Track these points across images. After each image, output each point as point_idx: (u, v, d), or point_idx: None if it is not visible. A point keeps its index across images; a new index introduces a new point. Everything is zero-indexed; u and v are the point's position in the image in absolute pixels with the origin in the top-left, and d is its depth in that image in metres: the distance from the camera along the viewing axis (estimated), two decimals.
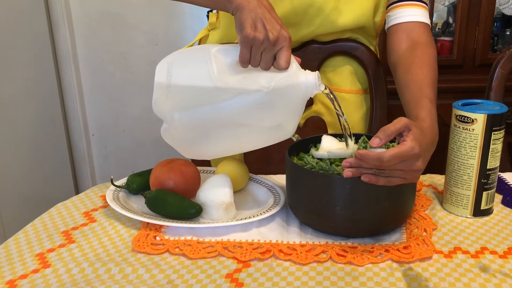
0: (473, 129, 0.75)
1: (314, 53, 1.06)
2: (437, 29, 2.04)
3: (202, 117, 0.74)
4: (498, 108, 0.75)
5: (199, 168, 0.93)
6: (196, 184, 0.86)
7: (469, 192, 0.78)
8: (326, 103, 1.12)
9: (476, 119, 0.74)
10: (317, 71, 0.73)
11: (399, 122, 0.68)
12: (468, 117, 0.74)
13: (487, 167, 0.76)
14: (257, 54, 0.72)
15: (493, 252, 0.69)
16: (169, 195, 0.80)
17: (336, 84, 1.10)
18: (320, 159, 0.77)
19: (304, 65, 1.08)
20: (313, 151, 0.80)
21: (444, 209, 0.82)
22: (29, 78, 1.91)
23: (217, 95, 0.72)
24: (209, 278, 0.64)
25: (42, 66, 2.03)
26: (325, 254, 0.69)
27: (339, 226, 0.72)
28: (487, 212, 0.79)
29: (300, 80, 0.72)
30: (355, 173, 0.67)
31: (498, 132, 0.75)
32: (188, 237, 0.74)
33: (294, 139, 0.85)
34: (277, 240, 0.73)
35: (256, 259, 0.68)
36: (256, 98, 0.71)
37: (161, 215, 0.79)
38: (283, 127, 0.75)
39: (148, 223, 0.78)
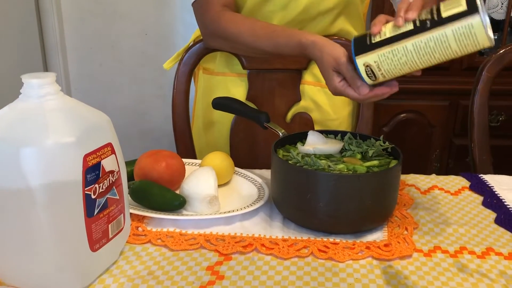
0: None
1: None
2: None
3: None
4: None
5: (184, 160, 0.92)
6: (180, 176, 0.85)
7: None
8: (315, 99, 1.12)
9: None
10: None
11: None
12: None
13: None
14: None
15: (471, 252, 0.70)
16: (153, 186, 0.79)
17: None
18: (306, 155, 0.78)
19: (293, 60, 1.09)
20: (299, 146, 0.80)
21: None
22: (14, 64, 1.88)
23: None
24: (190, 270, 0.64)
25: (28, 52, 2.00)
26: (306, 250, 0.69)
27: (321, 222, 0.72)
28: None
29: None
30: None
31: None
32: (171, 229, 0.74)
33: (280, 134, 0.85)
34: (259, 234, 0.73)
35: (237, 252, 0.68)
36: None
37: (145, 206, 0.79)
38: None
39: (131, 213, 0.77)
